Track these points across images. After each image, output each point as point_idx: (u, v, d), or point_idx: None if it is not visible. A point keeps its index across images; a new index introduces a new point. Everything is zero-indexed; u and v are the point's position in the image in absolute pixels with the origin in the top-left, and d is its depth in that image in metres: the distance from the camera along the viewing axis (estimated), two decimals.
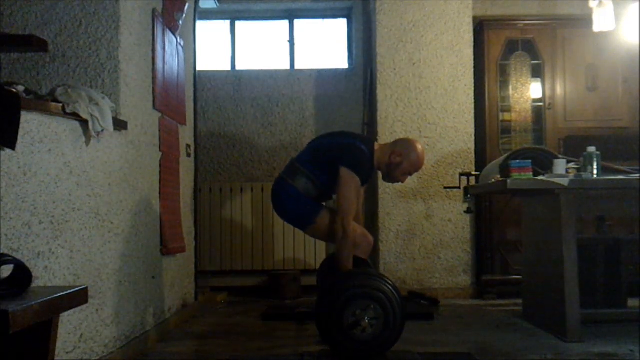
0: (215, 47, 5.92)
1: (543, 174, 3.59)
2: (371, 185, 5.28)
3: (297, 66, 5.86)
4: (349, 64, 5.87)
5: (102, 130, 2.65)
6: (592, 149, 3.60)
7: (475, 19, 5.21)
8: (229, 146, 5.61)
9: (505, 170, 3.67)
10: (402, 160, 3.35)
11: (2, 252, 1.91)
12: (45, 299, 1.57)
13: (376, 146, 3.41)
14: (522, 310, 4.17)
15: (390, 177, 3.45)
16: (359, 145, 3.33)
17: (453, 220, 5.07)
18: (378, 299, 2.98)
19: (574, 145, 4.75)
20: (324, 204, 3.44)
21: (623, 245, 3.98)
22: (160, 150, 3.65)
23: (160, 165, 3.64)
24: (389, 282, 3.07)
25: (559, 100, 5.10)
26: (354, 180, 3.23)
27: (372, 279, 3.07)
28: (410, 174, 3.45)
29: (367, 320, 2.95)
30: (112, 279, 2.88)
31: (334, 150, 3.33)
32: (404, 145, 3.41)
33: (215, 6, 5.63)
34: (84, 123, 2.56)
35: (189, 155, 4.47)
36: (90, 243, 2.64)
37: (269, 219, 5.35)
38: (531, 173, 3.57)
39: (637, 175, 3.50)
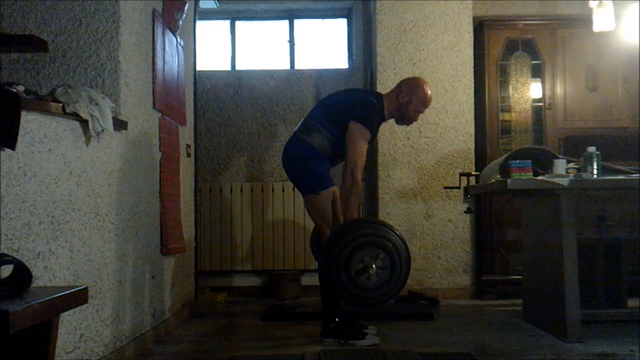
0: (215, 47, 5.92)
1: (543, 174, 3.59)
2: (371, 185, 5.28)
3: (297, 66, 5.87)
4: (349, 64, 5.87)
5: (102, 130, 2.65)
6: (592, 149, 3.60)
7: (475, 19, 5.21)
8: (229, 146, 5.61)
9: (505, 170, 3.67)
10: (410, 98, 3.49)
11: (2, 252, 1.91)
12: (45, 299, 1.57)
13: (385, 98, 3.54)
14: (522, 310, 4.16)
15: (404, 119, 3.56)
16: (370, 99, 3.48)
17: (453, 220, 5.07)
18: (388, 249, 3.01)
19: (574, 145, 4.75)
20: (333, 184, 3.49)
21: (623, 245, 3.98)
22: (160, 150, 3.65)
23: (160, 165, 3.64)
24: (399, 234, 3.13)
25: (559, 100, 5.10)
26: (363, 132, 3.34)
27: (384, 229, 3.14)
28: (422, 112, 3.57)
29: (374, 268, 2.96)
30: (112, 279, 2.88)
31: (346, 106, 3.43)
32: (408, 84, 3.56)
33: (215, 6, 5.63)
34: (84, 123, 2.56)
35: (189, 155, 4.47)
36: (90, 243, 2.64)
37: (269, 219, 5.35)
38: (531, 173, 3.57)
39: (637, 175, 3.50)
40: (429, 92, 3.54)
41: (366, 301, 3.04)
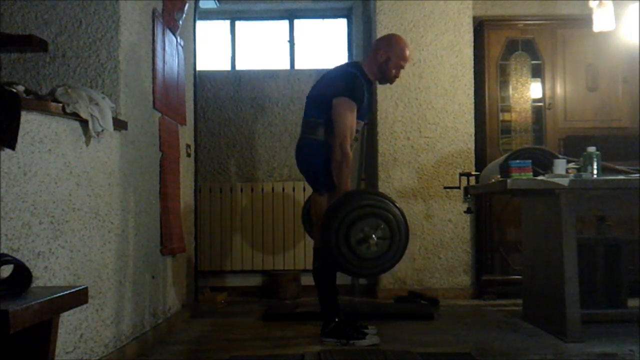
0: (215, 47, 5.91)
1: (543, 174, 3.59)
2: (371, 185, 5.28)
3: (297, 66, 5.86)
4: None
5: (102, 130, 2.65)
6: (592, 149, 3.60)
7: (475, 19, 5.20)
8: (229, 146, 5.60)
9: (505, 170, 3.67)
10: (389, 56, 3.51)
11: (2, 252, 1.91)
12: (45, 299, 1.57)
13: (363, 64, 3.58)
14: (522, 310, 4.17)
15: (386, 78, 3.58)
16: (347, 70, 3.51)
17: (453, 220, 5.07)
18: (388, 220, 3.04)
19: (574, 145, 4.75)
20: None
21: (623, 245, 3.98)
22: (160, 151, 3.65)
23: (160, 166, 3.64)
24: (398, 207, 3.18)
25: (559, 100, 5.10)
26: (346, 104, 3.37)
27: (384, 200, 3.18)
28: (402, 66, 3.58)
29: (374, 238, 2.99)
30: (112, 279, 2.88)
31: (329, 88, 3.46)
32: (384, 42, 3.59)
33: (215, 6, 5.63)
34: (84, 123, 2.56)
35: (189, 155, 4.47)
36: (90, 243, 2.64)
37: (269, 219, 5.34)
38: (531, 173, 3.57)
39: (637, 175, 3.50)
40: (406, 44, 3.57)
41: (365, 271, 3.09)
